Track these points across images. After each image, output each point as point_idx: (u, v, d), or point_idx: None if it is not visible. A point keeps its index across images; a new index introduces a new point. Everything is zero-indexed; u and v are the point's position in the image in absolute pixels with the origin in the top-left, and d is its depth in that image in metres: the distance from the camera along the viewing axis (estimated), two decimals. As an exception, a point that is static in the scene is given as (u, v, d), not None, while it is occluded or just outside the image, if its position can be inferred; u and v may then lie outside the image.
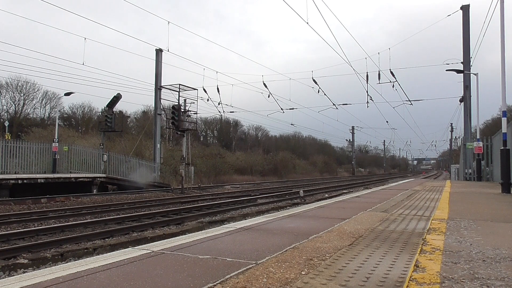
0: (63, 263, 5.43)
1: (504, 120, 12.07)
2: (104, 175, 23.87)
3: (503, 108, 12.47)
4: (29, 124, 38.51)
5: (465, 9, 24.79)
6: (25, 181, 18.80)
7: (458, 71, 23.65)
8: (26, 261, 7.00)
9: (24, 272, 6.31)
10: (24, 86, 41.18)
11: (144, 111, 50.04)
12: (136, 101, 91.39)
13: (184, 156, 23.88)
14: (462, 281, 2.50)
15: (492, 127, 44.07)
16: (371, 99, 28.95)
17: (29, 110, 42.90)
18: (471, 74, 24.03)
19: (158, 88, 28.53)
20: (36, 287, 2.35)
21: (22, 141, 22.92)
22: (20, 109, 41.65)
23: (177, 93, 23.45)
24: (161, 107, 29.37)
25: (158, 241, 4.32)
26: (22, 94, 41.51)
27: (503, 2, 11.87)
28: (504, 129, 11.93)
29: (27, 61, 68.46)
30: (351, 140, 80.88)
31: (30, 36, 75.65)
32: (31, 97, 42.45)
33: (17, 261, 6.97)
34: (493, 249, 3.52)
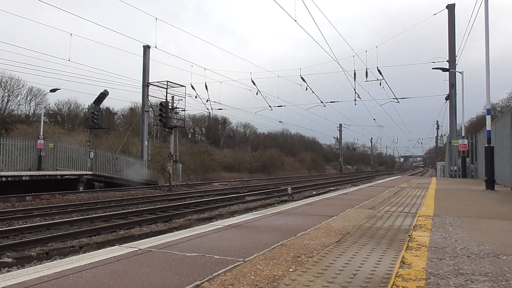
0: (49, 262, 5.37)
1: (488, 118, 12.25)
2: (90, 173, 23.63)
3: (487, 106, 12.67)
4: (14, 120, 37.85)
5: (451, 8, 25.08)
6: (9, 178, 18.50)
7: (444, 70, 23.97)
8: (10, 260, 6.90)
9: (8, 271, 6.22)
10: (8, 82, 40.48)
11: (131, 108, 49.62)
12: (123, 98, 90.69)
13: (172, 153, 23.74)
14: (447, 277, 2.53)
15: (477, 124, 44.76)
16: (359, 97, 29.19)
17: (13, 106, 42.20)
18: (456, 73, 24.33)
19: (146, 85, 28.30)
20: (20, 286, 2.31)
21: (6, 138, 22.52)
22: (4, 105, 40.95)
23: (165, 90, 23.30)
24: (149, 104, 29.16)
25: (145, 238, 4.30)
26: (6, 91, 40.80)
27: (487, 1, 12.02)
28: (488, 126, 12.12)
29: (11, 56, 67.41)
30: (338, 137, 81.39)
31: (14, 31, 74.33)
32: (16, 93, 41.74)
33: (1, 260, 6.87)
34: (478, 245, 3.58)
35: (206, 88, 29.49)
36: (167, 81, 23.21)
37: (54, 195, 17.63)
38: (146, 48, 29.36)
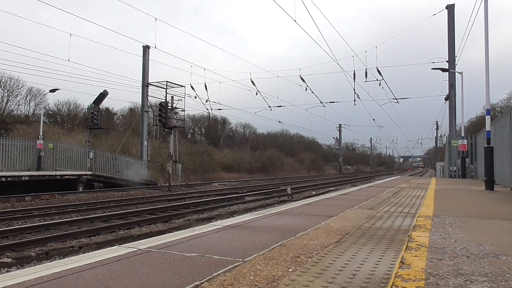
0: (48, 262, 5.36)
1: (488, 118, 12.25)
2: (90, 173, 23.63)
3: (487, 107, 12.66)
4: (13, 121, 37.80)
5: (450, 8, 25.08)
6: (8, 178, 18.49)
7: (444, 70, 23.96)
8: (10, 260, 6.90)
9: (7, 271, 6.21)
10: (8, 82, 40.39)
11: (131, 108, 49.60)
12: (122, 98, 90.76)
13: (172, 153, 23.75)
14: (447, 277, 2.53)
15: (477, 125, 44.76)
16: (358, 97, 29.19)
17: (13, 106, 42.11)
18: (456, 73, 24.33)
19: (145, 85, 28.31)
20: (20, 287, 2.31)
21: (5, 138, 22.51)
22: (3, 105, 40.90)
23: (164, 90, 23.30)
24: (148, 104, 29.15)
25: (145, 239, 4.29)
26: (5, 91, 40.74)
27: (487, 1, 12.02)
28: (488, 127, 12.12)
29: (10, 56, 67.34)
30: (338, 137, 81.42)
31: (14, 31, 74.33)
32: (15, 93, 41.66)
33: (0, 260, 6.86)
34: (477, 245, 3.58)
35: (206, 88, 29.49)
36: (167, 81, 23.22)
37: (53, 195, 17.62)
38: (146, 49, 29.34)
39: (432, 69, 23.98)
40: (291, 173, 55.85)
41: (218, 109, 36.95)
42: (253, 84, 29.07)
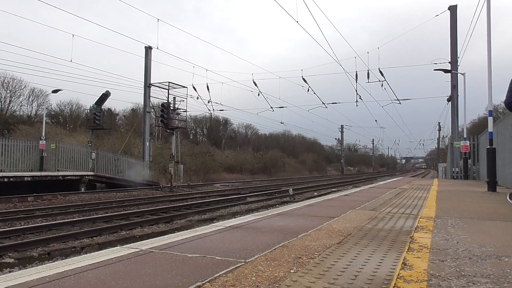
0: (50, 262, 5.37)
1: (490, 119, 12.22)
2: (92, 173, 23.66)
3: (489, 108, 12.63)
4: (16, 121, 37.93)
5: (453, 9, 25.05)
6: (11, 179, 18.53)
7: (446, 71, 23.90)
8: (12, 260, 6.92)
9: (10, 272, 6.23)
10: (11, 83, 40.56)
11: (133, 108, 49.66)
12: (125, 99, 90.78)
13: (174, 154, 23.76)
14: (449, 279, 2.53)
15: (479, 126, 44.60)
16: (360, 98, 29.14)
17: (15, 107, 42.28)
18: (458, 74, 24.29)
19: (148, 85, 28.34)
20: (22, 287, 2.32)
21: (8, 139, 22.57)
22: (6, 106, 41.03)
23: (166, 90, 23.33)
24: (150, 105, 29.20)
25: (147, 239, 4.30)
26: (8, 91, 40.89)
27: (489, 2, 12.01)
28: (490, 128, 12.09)
29: (13, 57, 67.53)
30: (340, 138, 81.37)
31: (15, 32, 74.58)
32: (18, 94, 41.83)
33: (3, 261, 6.88)
34: (479, 246, 3.57)
35: (208, 89, 29.53)
36: (169, 82, 23.25)
37: (56, 195, 17.65)
38: (148, 49, 29.39)
39: (435, 70, 23.92)
40: (293, 174, 55.83)
41: (220, 110, 37.06)
42: (255, 85, 29.08)
